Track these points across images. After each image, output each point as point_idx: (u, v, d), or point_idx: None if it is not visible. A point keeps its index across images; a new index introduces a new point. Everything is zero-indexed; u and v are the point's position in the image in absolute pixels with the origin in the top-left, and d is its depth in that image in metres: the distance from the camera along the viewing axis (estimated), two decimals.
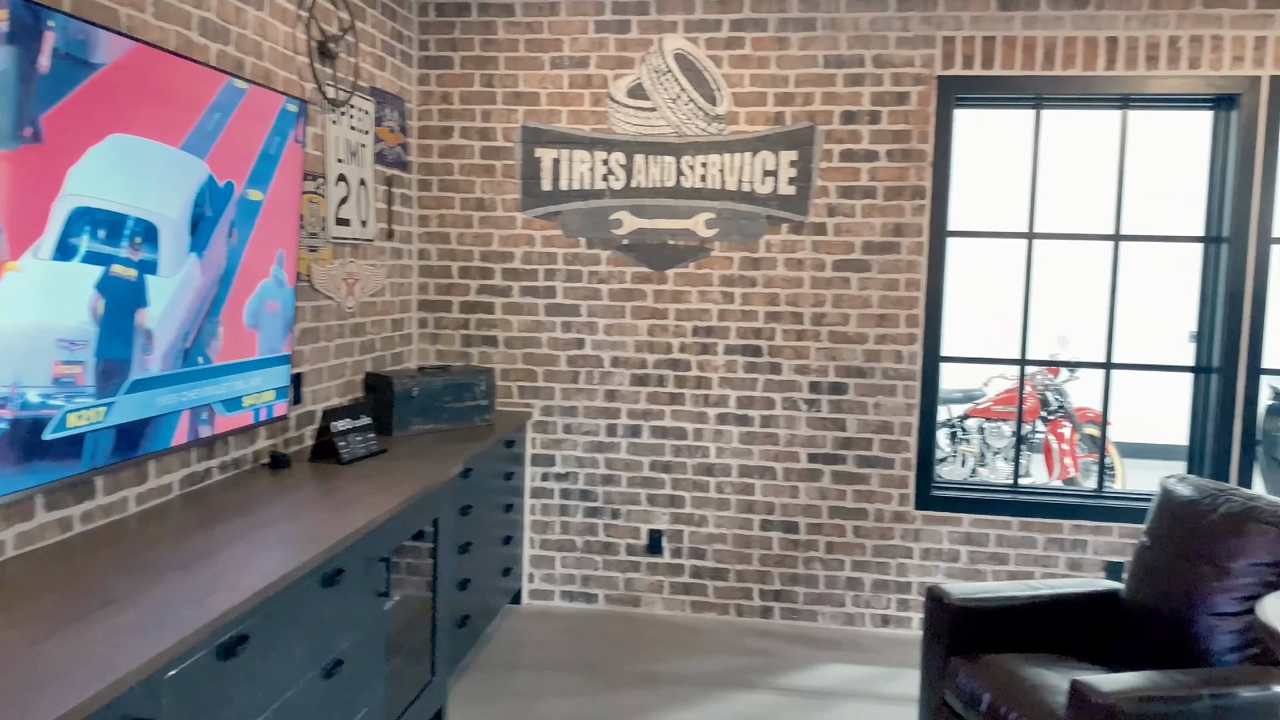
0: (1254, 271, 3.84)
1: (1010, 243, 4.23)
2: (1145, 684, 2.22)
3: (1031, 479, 6.24)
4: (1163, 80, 3.82)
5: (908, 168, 4.02)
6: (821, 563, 4.19)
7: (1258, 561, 2.48)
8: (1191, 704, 2.18)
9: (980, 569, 4.08)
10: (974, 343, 4.60)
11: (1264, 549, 2.48)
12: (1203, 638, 2.54)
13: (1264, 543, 2.48)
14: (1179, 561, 2.66)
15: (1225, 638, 2.50)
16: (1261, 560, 2.48)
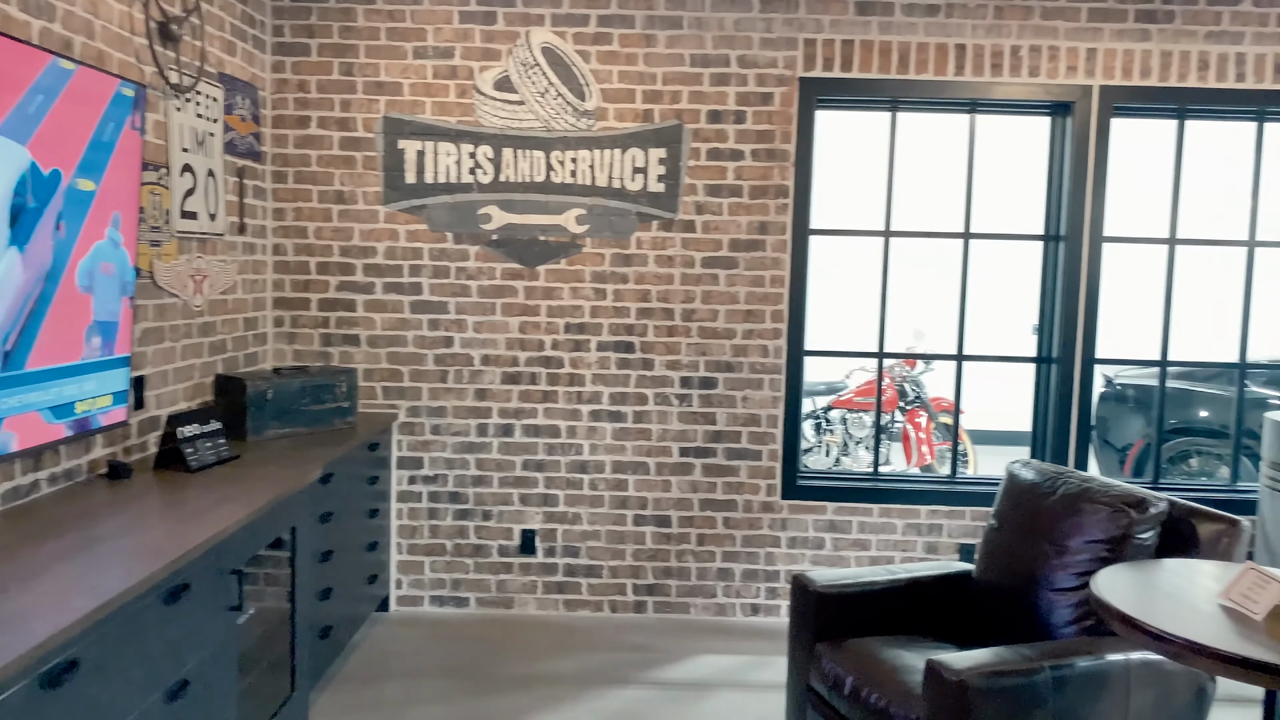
0: (1088, 268, 4.10)
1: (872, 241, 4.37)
2: (993, 659, 2.33)
3: (891, 467, 6.50)
4: (1006, 87, 4.03)
5: (772, 167, 4.10)
6: (693, 555, 4.24)
7: (1092, 539, 2.64)
8: (1034, 676, 2.30)
9: (844, 555, 4.21)
10: (836, 337, 4.75)
11: (1097, 527, 2.64)
12: (1045, 612, 2.69)
13: (1097, 521, 2.65)
14: (1023, 541, 2.81)
15: (1064, 611, 2.66)
16: (1095, 537, 2.64)
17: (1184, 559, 2.53)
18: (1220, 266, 4.66)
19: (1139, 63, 3.99)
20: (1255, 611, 2.00)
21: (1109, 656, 2.40)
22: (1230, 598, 2.07)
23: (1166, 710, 2.50)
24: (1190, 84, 3.99)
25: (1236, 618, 2.02)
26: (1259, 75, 3.97)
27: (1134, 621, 2.01)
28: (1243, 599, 2.04)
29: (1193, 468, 5.59)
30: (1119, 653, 2.41)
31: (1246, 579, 2.06)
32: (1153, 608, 2.10)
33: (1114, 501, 2.64)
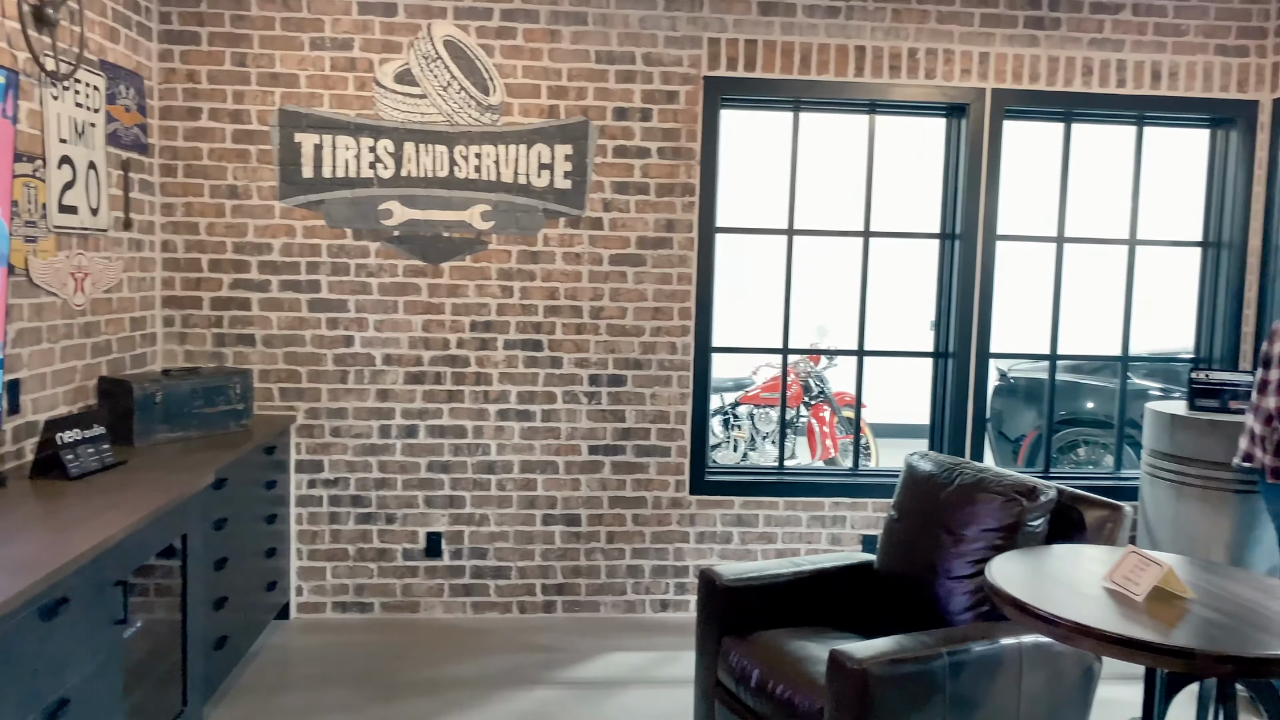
0: (982, 265, 4.24)
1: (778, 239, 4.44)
2: (893, 648, 2.38)
3: (797, 461, 6.62)
4: (904, 88, 4.14)
5: (678, 165, 4.12)
6: (603, 553, 4.23)
7: (987, 527, 2.73)
8: (931, 662, 2.37)
9: (751, 548, 4.27)
10: (744, 334, 4.81)
11: (991, 516, 2.73)
12: (943, 600, 2.77)
13: (992, 510, 2.74)
14: (921, 531, 2.89)
15: (961, 598, 2.74)
16: (990, 526, 2.73)
17: (1072, 544, 2.63)
18: (1105, 264, 4.89)
19: (1028, 67, 4.15)
20: (1136, 593, 2.09)
21: (1003, 640, 2.49)
22: (1113, 580, 2.17)
23: (1056, 689, 2.60)
24: (1076, 89, 4.16)
25: (1119, 599, 2.12)
26: (1138, 81, 4.17)
27: (1025, 606, 2.08)
28: (1125, 581, 2.13)
29: (1081, 457, 5.85)
30: (1012, 636, 2.50)
31: (1128, 562, 2.16)
32: (1043, 593, 2.18)
33: (1007, 491, 2.73)
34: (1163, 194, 4.75)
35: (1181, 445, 3.89)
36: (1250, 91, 4.20)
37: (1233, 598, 2.16)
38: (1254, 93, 4.21)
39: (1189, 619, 2.02)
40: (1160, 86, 4.18)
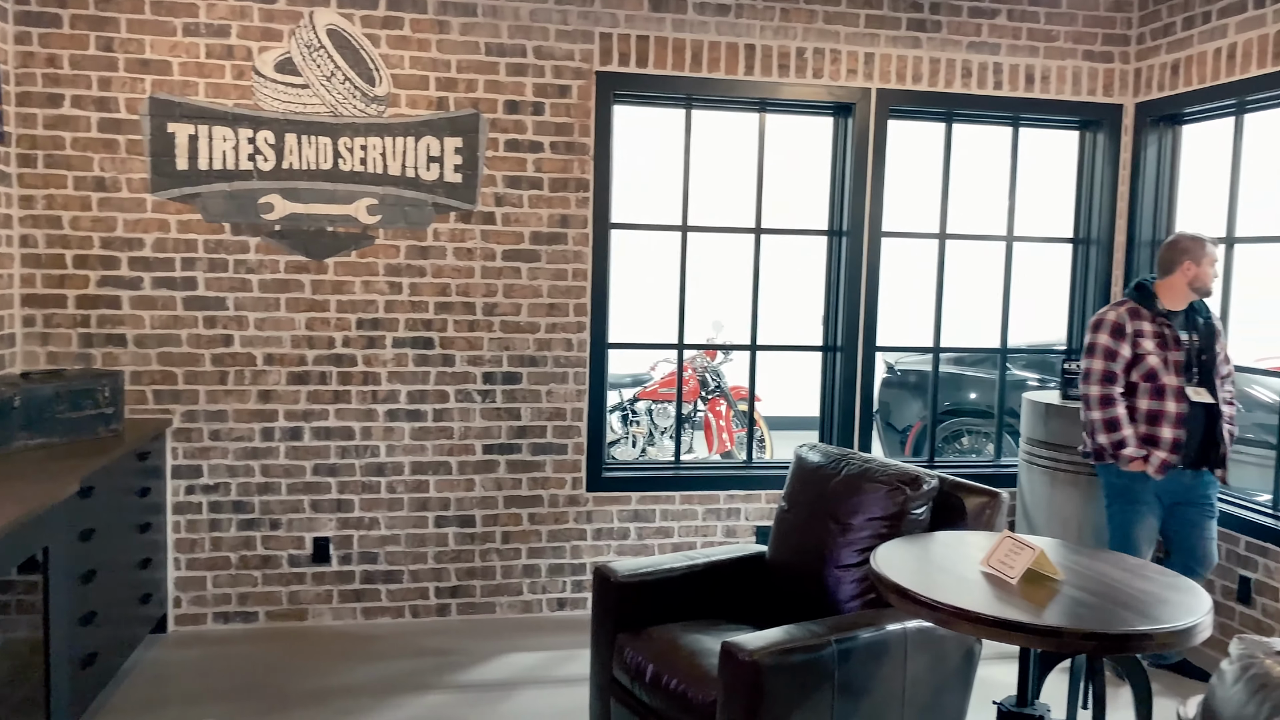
0: (868, 261, 4.35)
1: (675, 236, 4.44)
2: (783, 638, 2.42)
3: (694, 455, 6.68)
4: (793, 87, 4.21)
5: (571, 160, 4.09)
6: (498, 553, 4.17)
7: (872, 516, 2.80)
8: (820, 651, 2.41)
9: (648, 544, 4.28)
10: (641, 329, 4.80)
11: (877, 505, 2.80)
12: (832, 588, 2.82)
13: (877, 499, 2.80)
14: (810, 521, 2.94)
15: (849, 586, 2.80)
16: (875, 514, 2.80)
17: (953, 530, 2.72)
18: (985, 259, 5.08)
19: (911, 68, 4.27)
20: (1011, 576, 2.17)
21: (888, 627, 2.55)
22: (990, 565, 2.25)
23: (940, 671, 2.68)
24: (956, 89, 4.30)
25: (996, 583, 2.19)
26: (1014, 84, 4.35)
27: (908, 593, 2.14)
28: (1000, 565, 2.21)
29: (964, 446, 6.07)
30: (897, 622, 2.56)
31: (1003, 547, 2.24)
32: (924, 579, 2.24)
33: (891, 480, 2.80)
34: (1040, 193, 4.96)
35: (1055, 433, 4.07)
36: (1115, 96, 4.43)
37: (1099, 577, 2.27)
38: (1118, 97, 4.43)
39: (1059, 599, 2.11)
40: (1034, 89, 4.36)
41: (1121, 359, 3.52)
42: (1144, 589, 2.20)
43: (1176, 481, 3.53)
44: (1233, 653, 1.57)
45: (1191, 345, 3.50)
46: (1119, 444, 3.49)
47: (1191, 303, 3.55)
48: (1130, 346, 3.52)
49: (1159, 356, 3.48)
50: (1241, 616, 3.87)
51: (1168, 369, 3.48)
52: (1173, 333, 3.49)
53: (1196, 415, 3.48)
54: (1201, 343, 3.51)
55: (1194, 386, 3.47)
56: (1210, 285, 3.50)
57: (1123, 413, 3.49)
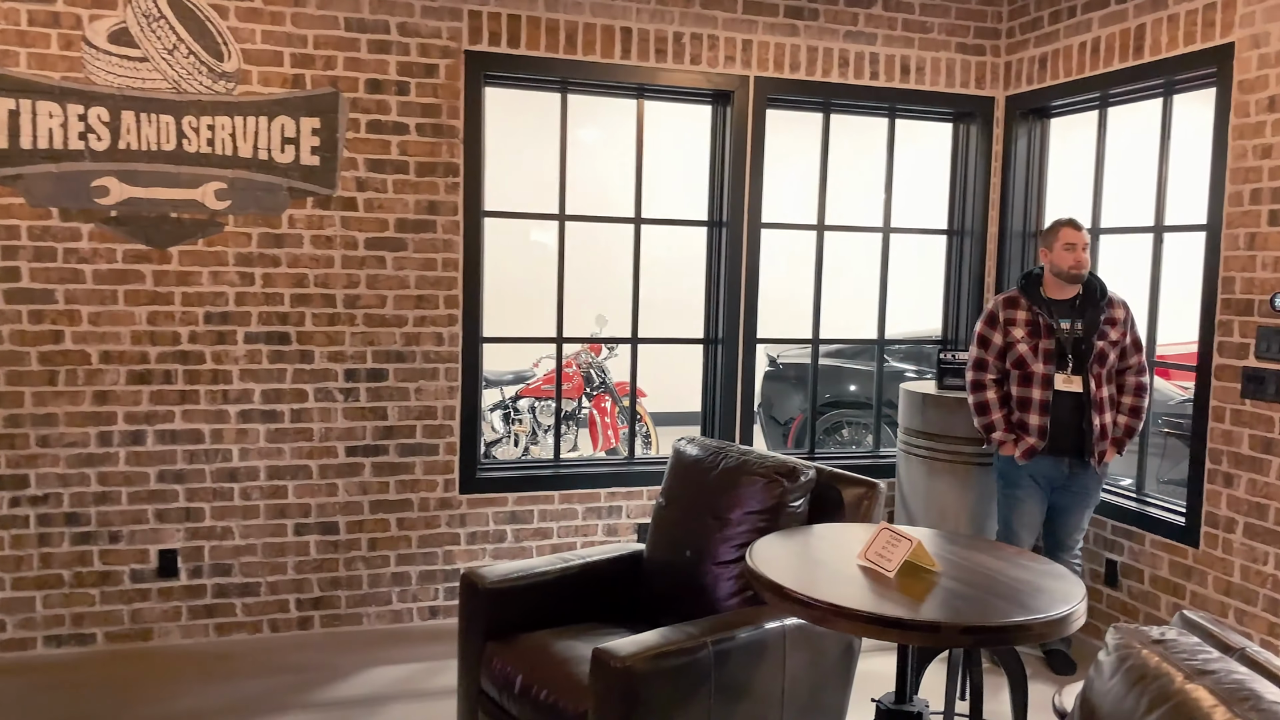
0: (748, 253, 4.28)
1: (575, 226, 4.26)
2: (658, 641, 2.29)
3: (580, 452, 6.53)
4: (671, 73, 4.10)
5: (440, 143, 3.88)
6: (365, 561, 3.92)
7: (750, 510, 2.71)
8: (697, 653, 2.30)
9: (526, 546, 4.10)
10: (526, 324, 4.63)
11: (754, 498, 2.71)
12: (710, 587, 2.72)
13: (754, 492, 2.71)
14: (688, 517, 2.83)
15: (728, 584, 2.70)
16: (753, 508, 2.70)
17: (831, 523, 2.65)
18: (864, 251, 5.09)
19: (789, 57, 4.22)
20: (888, 569, 2.10)
21: (767, 625, 2.46)
22: (867, 558, 2.18)
23: (820, 668, 2.61)
24: (834, 79, 4.28)
25: (873, 576, 2.12)
26: (890, 74, 4.35)
27: (783, 590, 2.04)
28: (878, 558, 2.14)
29: (845, 437, 6.11)
30: (776, 619, 2.47)
31: (880, 539, 2.17)
32: (801, 574, 2.16)
33: (769, 473, 2.71)
34: (920, 185, 4.99)
35: (931, 422, 4.09)
36: (987, 88, 4.49)
37: (977, 567, 2.22)
38: (990, 89, 4.49)
39: (936, 592, 2.05)
40: (909, 80, 4.37)
41: (994, 346, 3.61)
42: (1021, 578, 2.16)
43: (1054, 469, 3.57)
44: (1109, 643, 1.51)
45: (1066, 334, 3.51)
46: (988, 428, 3.61)
47: (1092, 291, 3.53)
48: (1001, 334, 3.57)
49: (1028, 344, 3.53)
50: (1109, 599, 3.97)
51: (1036, 356, 3.52)
52: (1046, 321, 3.52)
53: (1064, 403, 3.51)
54: (1083, 332, 3.51)
55: (1065, 375, 3.50)
56: (1067, 267, 3.48)
57: (991, 397, 3.58)
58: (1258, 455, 3.35)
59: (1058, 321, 3.51)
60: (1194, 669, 1.38)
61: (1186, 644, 1.46)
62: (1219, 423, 3.49)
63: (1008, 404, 3.60)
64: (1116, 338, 3.52)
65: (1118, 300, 3.57)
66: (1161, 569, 3.73)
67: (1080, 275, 3.50)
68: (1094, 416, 3.49)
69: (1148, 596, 3.79)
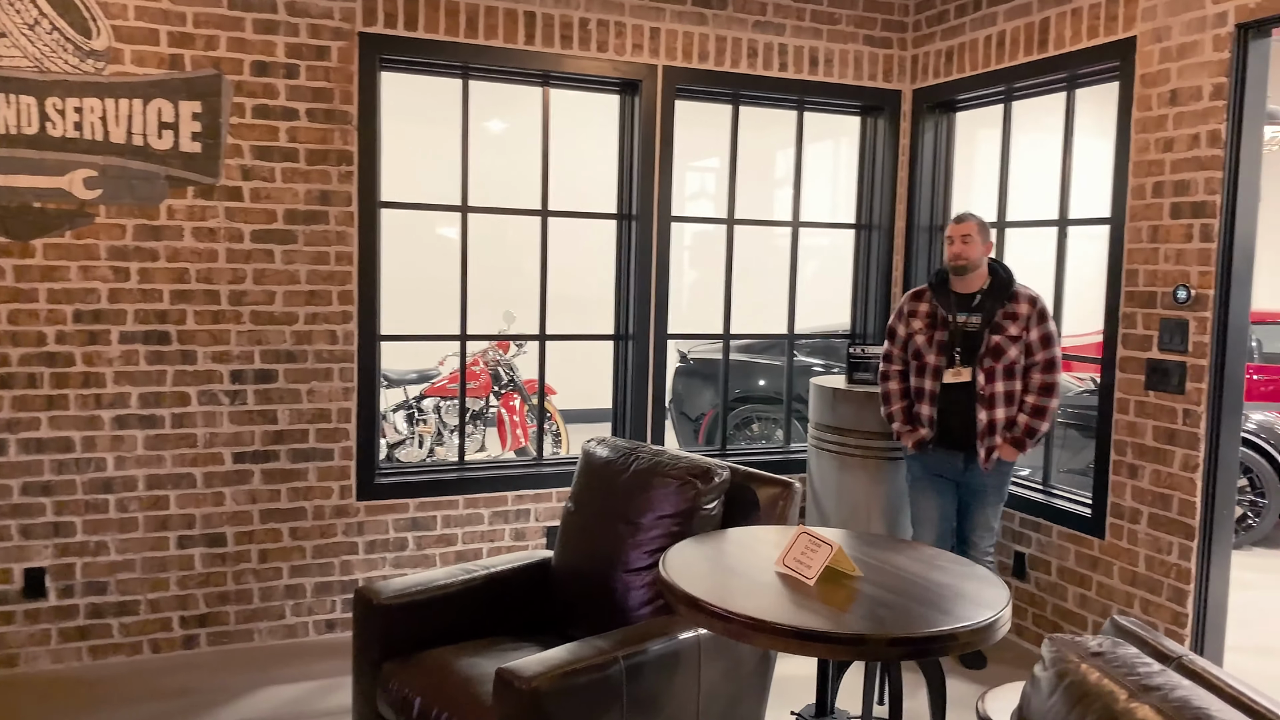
0: (658, 247, 4.17)
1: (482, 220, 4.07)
2: (566, 659, 2.16)
3: (488, 453, 6.33)
4: (577, 60, 3.95)
5: (332, 130, 3.65)
6: (255, 574, 3.68)
7: (663, 514, 2.59)
8: (607, 669, 2.17)
9: (429, 554, 3.91)
10: (431, 320, 4.43)
11: (667, 501, 2.60)
12: (621, 595, 2.60)
13: (667, 495, 2.60)
14: (599, 522, 2.70)
15: (640, 593, 2.59)
16: (666, 512, 2.59)
17: (747, 526, 2.56)
18: (773, 246, 5.06)
19: (698, 46, 4.12)
20: (808, 576, 2.02)
21: (681, 635, 2.36)
22: (786, 564, 2.08)
23: (735, 679, 2.52)
24: (743, 70, 4.20)
25: (792, 584, 2.03)
26: (798, 66, 4.29)
27: (698, 603, 1.93)
28: (797, 564, 2.05)
29: (754, 432, 6.07)
30: (690, 630, 2.37)
31: (799, 544, 2.09)
32: (717, 585, 2.05)
33: (682, 474, 2.61)
34: (831, 178, 4.96)
35: (842, 417, 4.06)
36: (894, 81, 4.47)
37: (896, 571, 2.16)
38: (897, 83, 4.48)
39: (859, 600, 1.97)
40: (818, 72, 4.32)
41: (899, 339, 3.66)
42: (942, 582, 2.10)
43: (948, 463, 3.57)
44: (1045, 656, 1.44)
45: (959, 326, 3.50)
46: (889, 418, 3.68)
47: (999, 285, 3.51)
48: (905, 327, 3.63)
49: (925, 336, 3.55)
50: (1017, 591, 4.00)
51: (931, 348, 3.53)
52: (943, 314, 3.52)
53: (953, 396, 3.50)
54: (979, 325, 3.51)
55: (956, 367, 3.49)
56: (948, 260, 3.49)
57: (893, 388, 3.66)
58: (1161, 446, 3.40)
59: (955, 315, 3.50)
60: (1137, 685, 1.32)
61: (1125, 656, 1.40)
62: (1123, 414, 3.54)
63: (909, 396, 3.63)
64: (1016, 333, 3.44)
65: (1024, 295, 3.49)
66: (1068, 560, 3.78)
67: (962, 267, 3.46)
68: (980, 410, 3.44)
69: (1055, 588, 3.83)
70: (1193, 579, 3.33)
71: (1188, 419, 3.32)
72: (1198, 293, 3.27)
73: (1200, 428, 3.28)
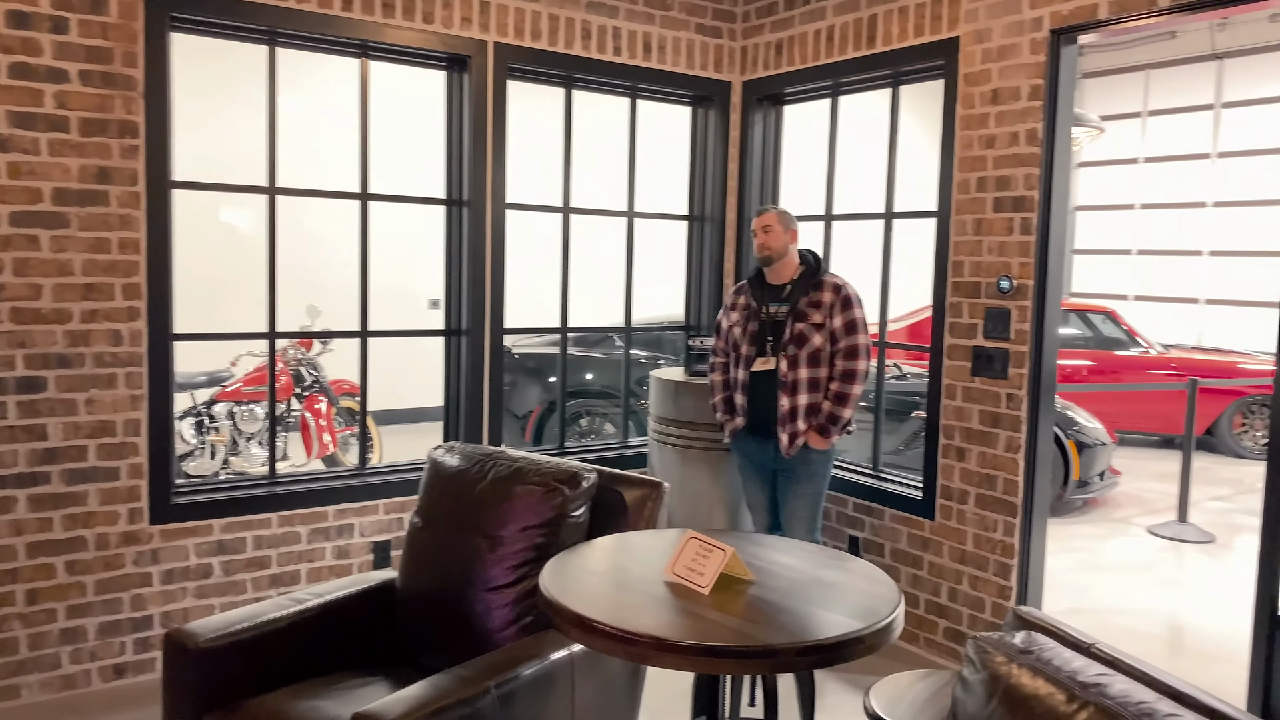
0: (492, 235, 3.92)
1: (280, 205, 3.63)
2: (430, 694, 1.91)
3: (290, 461, 5.81)
4: (400, 31, 3.63)
5: (112, 97, 3.15)
6: (22, 619, 3.11)
7: (527, 525, 2.38)
8: (478, 702, 1.95)
9: (239, 580, 3.47)
10: (218, 316, 3.94)
11: (531, 511, 2.39)
12: (483, 617, 2.36)
13: (531, 504, 2.39)
14: (453, 538, 2.45)
15: (504, 612, 2.36)
16: (529, 523, 2.38)
17: (620, 533, 2.39)
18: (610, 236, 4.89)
19: (530, 23, 3.89)
20: (702, 585, 1.88)
21: (553, 655, 2.16)
22: (676, 573, 1.94)
23: (608, 694, 2.35)
24: (576, 51, 4.01)
25: (686, 595, 1.88)
26: (632, 51, 4.16)
27: (594, 625, 1.74)
28: (689, 572, 1.91)
29: (584, 428, 5.92)
30: (562, 648, 2.18)
31: (689, 550, 1.94)
32: (608, 602, 1.88)
33: (547, 480, 2.40)
34: (666, 168, 4.85)
35: (684, 409, 3.98)
36: (724, 72, 4.44)
37: (787, 573, 2.06)
38: (727, 74, 4.45)
39: (759, 608, 1.85)
40: (651, 59, 4.21)
41: (723, 331, 3.68)
42: (834, 580, 2.03)
43: (760, 451, 3.57)
44: (974, 659, 1.37)
45: (770, 316, 3.50)
46: (713, 408, 3.69)
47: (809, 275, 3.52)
48: (727, 319, 3.66)
49: (741, 327, 3.57)
50: None
51: (745, 339, 3.53)
52: (755, 305, 3.54)
53: (760, 384, 3.50)
54: (785, 315, 3.47)
55: (765, 357, 3.50)
56: (756, 252, 3.52)
57: (716, 379, 3.68)
58: (987, 429, 3.54)
59: (768, 305, 3.52)
60: (1074, 682, 1.26)
61: (1053, 652, 1.35)
62: (951, 400, 3.66)
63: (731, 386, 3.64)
64: (820, 320, 3.42)
65: (829, 283, 3.46)
66: (901, 542, 3.88)
67: (768, 258, 3.49)
68: (782, 397, 3.43)
69: (888, 570, 3.92)
70: (1016, 553, 3.50)
71: (1010, 403, 3.47)
72: (1019, 283, 3.42)
73: (1022, 411, 3.44)
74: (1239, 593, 4.74)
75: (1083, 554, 5.33)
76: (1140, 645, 4.07)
